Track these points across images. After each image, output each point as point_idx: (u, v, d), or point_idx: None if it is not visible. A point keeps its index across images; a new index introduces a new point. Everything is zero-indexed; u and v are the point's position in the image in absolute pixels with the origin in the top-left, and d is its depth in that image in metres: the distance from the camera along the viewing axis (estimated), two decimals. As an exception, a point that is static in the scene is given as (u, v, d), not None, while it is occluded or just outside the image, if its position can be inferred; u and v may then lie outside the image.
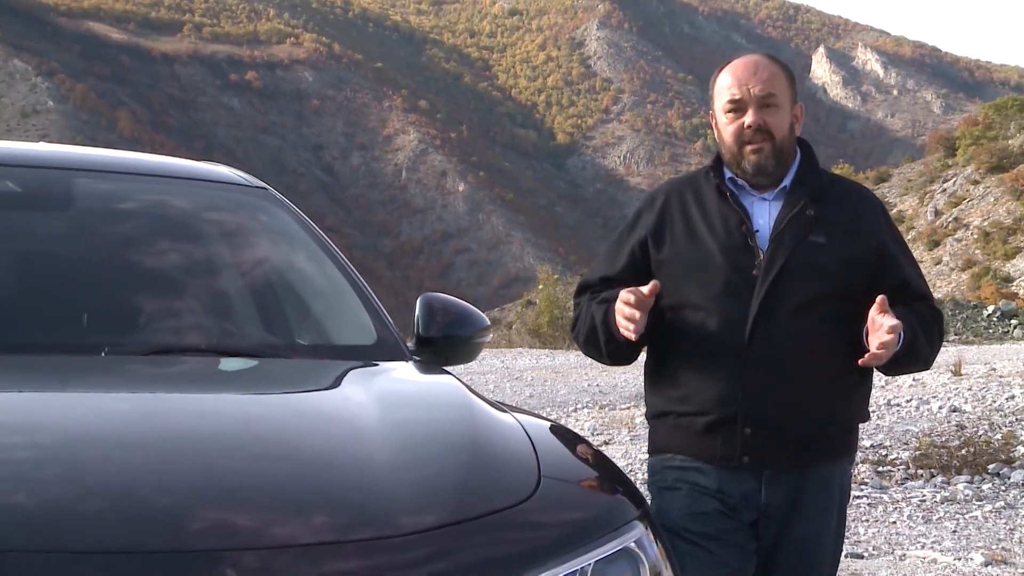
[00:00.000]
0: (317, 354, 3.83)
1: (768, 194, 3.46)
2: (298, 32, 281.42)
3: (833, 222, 3.42)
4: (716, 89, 3.49)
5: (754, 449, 3.35)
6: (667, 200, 3.55)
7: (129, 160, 4.58)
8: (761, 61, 3.47)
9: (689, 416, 3.43)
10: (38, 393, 3.12)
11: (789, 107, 3.45)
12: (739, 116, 3.39)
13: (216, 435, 2.87)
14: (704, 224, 3.43)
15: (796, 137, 3.52)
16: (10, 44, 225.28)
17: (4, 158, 4.29)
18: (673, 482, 3.48)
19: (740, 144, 3.39)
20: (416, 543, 2.40)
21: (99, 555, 2.23)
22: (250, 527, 2.39)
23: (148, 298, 3.85)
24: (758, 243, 3.37)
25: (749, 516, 3.42)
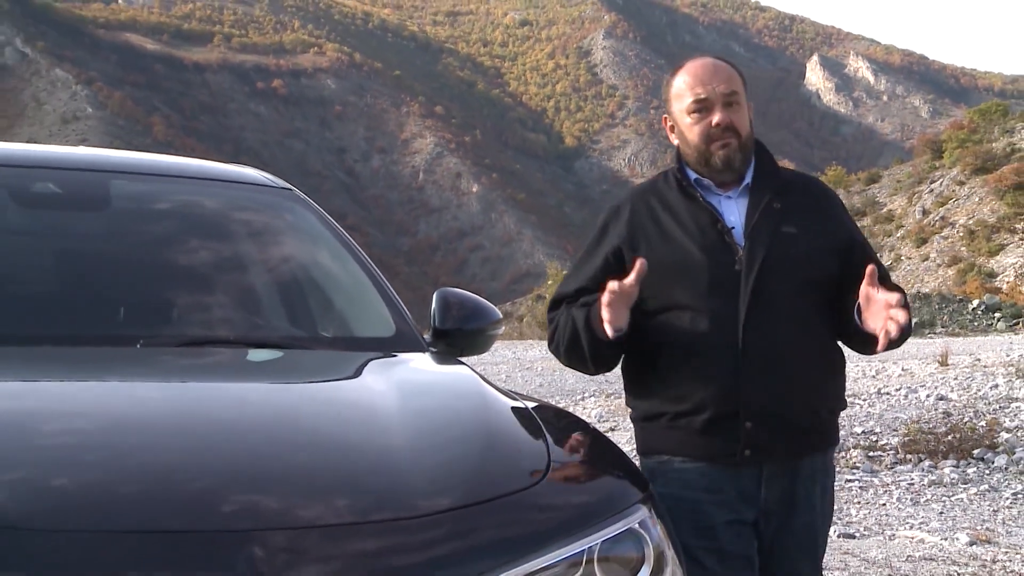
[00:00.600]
0: (339, 346, 3.83)
1: (732, 192, 3.36)
2: (321, 42, 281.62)
3: (800, 213, 3.35)
4: (675, 92, 3.38)
5: (756, 442, 3.22)
6: (633, 208, 3.44)
7: (162, 163, 4.59)
8: (718, 62, 3.39)
9: (686, 416, 3.28)
10: (79, 382, 3.13)
11: (747, 106, 3.37)
12: (705, 115, 3.28)
13: (245, 422, 2.88)
14: (677, 226, 3.32)
15: (754, 135, 3.43)
16: (52, 54, 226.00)
17: (46, 161, 4.31)
18: (677, 490, 3.29)
19: (708, 142, 3.29)
20: (432, 524, 2.41)
21: (136, 534, 2.23)
22: (277, 509, 2.39)
23: (180, 293, 3.86)
24: (734, 239, 3.27)
25: (750, 515, 3.31)
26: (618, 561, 2.60)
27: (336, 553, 2.28)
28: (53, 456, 2.50)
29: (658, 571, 2.66)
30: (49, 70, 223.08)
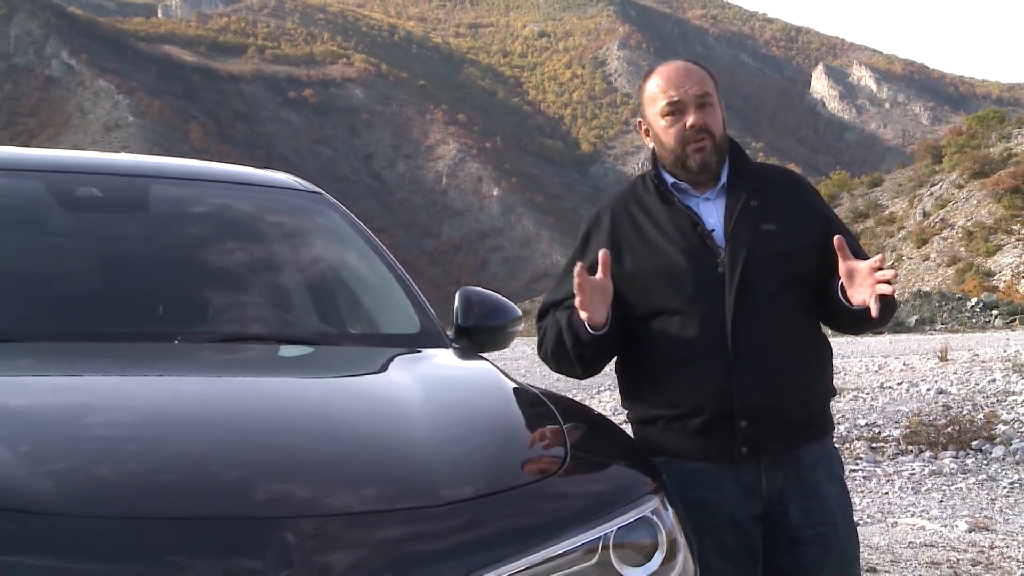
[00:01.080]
0: (366, 342, 3.83)
1: (709, 193, 3.24)
2: (349, 53, 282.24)
3: (778, 208, 3.22)
4: (648, 95, 3.25)
5: (752, 439, 3.11)
6: (613, 215, 3.31)
7: (199, 168, 4.60)
8: (690, 65, 3.26)
9: (682, 419, 3.16)
10: (120, 377, 3.14)
11: (719, 107, 3.24)
12: (679, 118, 3.17)
13: (277, 414, 2.88)
14: (658, 232, 3.20)
15: (727, 136, 3.30)
16: (96, 66, 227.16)
17: (89, 167, 4.33)
18: (679, 492, 3.14)
19: (683, 144, 3.16)
20: (455, 512, 2.41)
21: (173, 521, 2.23)
22: (307, 497, 2.40)
23: (216, 291, 3.86)
24: (715, 241, 3.15)
25: (755, 508, 3.18)
26: (632, 547, 2.59)
27: (363, 540, 2.28)
28: (96, 447, 2.51)
29: (670, 557, 2.65)
30: (93, 81, 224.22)
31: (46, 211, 3.92)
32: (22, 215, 3.93)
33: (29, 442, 2.44)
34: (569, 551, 2.46)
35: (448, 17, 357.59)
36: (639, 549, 2.61)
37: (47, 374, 3.09)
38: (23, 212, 3.93)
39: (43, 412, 2.73)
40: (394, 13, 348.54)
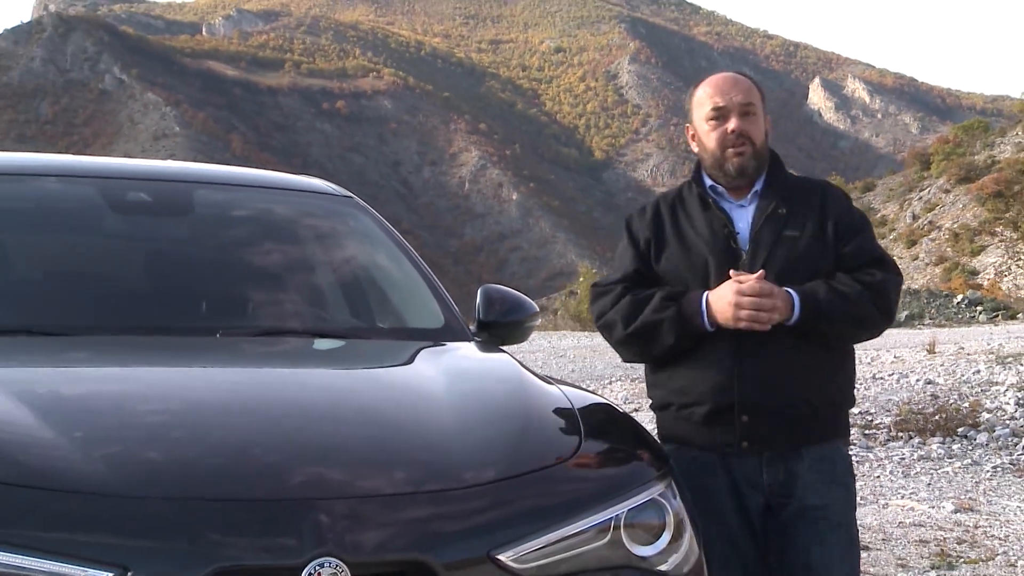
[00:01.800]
0: (394, 336, 3.82)
1: (744, 200, 3.21)
2: (379, 68, 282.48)
3: (803, 216, 3.17)
4: (696, 101, 3.24)
5: (752, 434, 3.07)
6: (656, 210, 3.31)
7: (239, 174, 4.60)
8: (738, 76, 3.26)
9: (688, 407, 3.15)
10: (167, 368, 3.15)
11: (763, 118, 3.22)
12: (722, 123, 3.15)
13: (312, 403, 2.88)
14: (692, 231, 3.19)
15: (768, 147, 3.26)
16: (145, 81, 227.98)
17: (138, 173, 4.34)
18: (689, 478, 3.04)
19: (723, 148, 3.14)
20: (478, 494, 2.42)
21: (216, 502, 2.25)
22: (340, 480, 2.40)
23: (255, 289, 3.86)
24: (739, 244, 3.14)
25: (757, 498, 3.13)
26: (642, 527, 2.59)
27: (392, 520, 2.29)
28: (145, 432, 2.52)
29: (677, 536, 2.65)
30: (142, 94, 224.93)
31: (99, 215, 3.93)
32: (77, 218, 3.94)
33: (84, 428, 2.45)
34: (583, 530, 2.47)
35: (471, 34, 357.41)
36: (648, 529, 2.61)
37: (100, 365, 3.11)
38: (78, 215, 3.94)
39: (96, 400, 2.74)
40: (420, 30, 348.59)
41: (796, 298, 3.00)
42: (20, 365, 2.99)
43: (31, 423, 2.40)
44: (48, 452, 2.30)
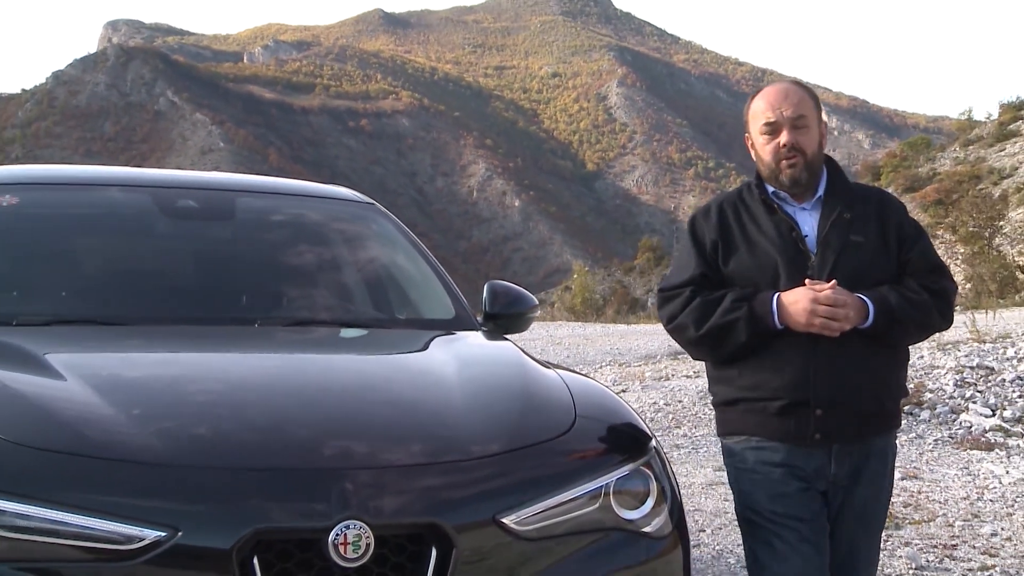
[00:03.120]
0: (411, 326, 3.82)
1: (806, 204, 2.99)
2: (398, 90, 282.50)
3: (866, 222, 2.96)
4: (751, 114, 3.01)
5: (825, 427, 2.87)
6: (721, 212, 3.05)
7: (275, 183, 4.61)
8: (791, 87, 3.02)
9: (763, 401, 2.90)
10: (212, 353, 3.15)
11: (817, 127, 2.98)
12: (774, 137, 2.93)
13: (339, 384, 2.89)
14: (759, 234, 2.95)
15: (824, 151, 3.05)
16: (194, 103, 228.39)
17: (187, 183, 4.36)
18: (753, 464, 2.97)
19: (777, 161, 2.93)
20: (484, 465, 2.43)
21: (255, 471, 2.27)
22: (364, 452, 2.41)
23: (289, 284, 3.86)
24: (807, 247, 2.93)
25: (821, 486, 2.94)
26: (628, 494, 2.60)
27: (409, 487, 2.30)
28: (194, 410, 2.53)
29: (660, 502, 2.66)
30: (191, 114, 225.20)
31: (152, 219, 3.93)
32: (133, 222, 3.95)
33: (140, 406, 2.46)
34: (577, 497, 2.47)
35: (478, 61, 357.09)
36: (634, 496, 2.62)
37: (154, 351, 3.11)
38: (134, 220, 3.95)
39: (151, 382, 2.75)
40: (434, 58, 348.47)
41: (871, 305, 2.83)
42: (86, 351, 3.00)
43: (95, 401, 2.41)
44: (109, 427, 2.31)
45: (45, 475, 2.16)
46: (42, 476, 2.16)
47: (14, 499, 2.09)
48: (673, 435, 9.16)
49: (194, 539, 2.09)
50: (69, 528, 2.08)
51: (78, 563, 2.08)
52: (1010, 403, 9.21)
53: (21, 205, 3.76)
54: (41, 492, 2.11)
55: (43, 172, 4.33)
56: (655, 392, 11.21)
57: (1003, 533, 5.76)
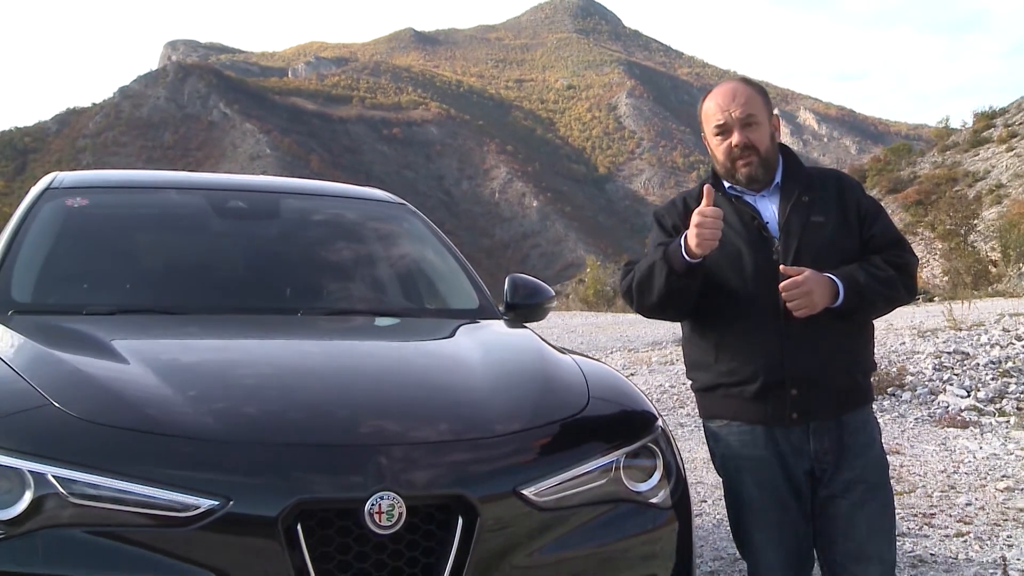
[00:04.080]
0: (439, 315, 3.81)
1: (764, 192, 2.84)
2: (427, 101, 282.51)
3: (825, 203, 2.81)
4: (703, 115, 2.86)
5: (801, 406, 2.73)
6: (686, 204, 2.90)
7: (316, 186, 4.61)
8: (738, 87, 2.83)
9: (739, 386, 2.78)
10: (259, 339, 3.16)
11: (767, 121, 2.81)
12: (726, 137, 2.78)
13: (374, 368, 2.88)
14: (724, 224, 2.74)
15: (777, 143, 2.88)
16: (244, 114, 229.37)
17: (237, 186, 4.37)
18: (737, 450, 2.84)
19: (731, 160, 2.79)
20: (507, 442, 2.42)
21: (299, 446, 2.27)
22: (397, 430, 2.41)
23: (328, 277, 3.87)
24: (770, 232, 2.78)
25: (804, 465, 2.78)
26: (637, 468, 2.59)
27: (438, 462, 2.30)
28: (244, 391, 2.54)
29: (666, 476, 2.65)
30: (241, 124, 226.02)
31: (206, 218, 3.94)
32: (189, 221, 3.96)
33: (196, 388, 2.47)
34: (590, 471, 2.47)
35: (500, 74, 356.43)
36: (642, 470, 2.61)
37: (207, 338, 3.12)
38: (190, 219, 3.96)
39: (205, 365, 2.76)
40: (460, 72, 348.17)
41: (840, 284, 2.67)
42: (147, 338, 3.01)
43: (156, 383, 2.42)
44: (169, 406, 2.32)
45: (112, 449, 2.17)
46: (109, 450, 2.17)
47: (85, 470, 2.11)
48: (677, 415, 9.13)
49: (244, 508, 2.10)
50: (133, 497, 2.09)
51: (141, 528, 2.09)
52: (983, 385, 9.16)
53: (90, 206, 3.79)
54: (109, 464, 2.13)
55: (109, 176, 4.35)
56: (661, 375, 11.18)
57: (976, 503, 5.75)
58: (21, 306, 3.17)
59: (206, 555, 2.08)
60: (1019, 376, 9.36)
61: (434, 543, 2.20)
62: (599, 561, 2.42)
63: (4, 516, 2.08)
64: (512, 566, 2.27)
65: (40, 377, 2.40)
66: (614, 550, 2.46)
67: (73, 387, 2.37)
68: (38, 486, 2.09)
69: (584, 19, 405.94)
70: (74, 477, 2.10)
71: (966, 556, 4.78)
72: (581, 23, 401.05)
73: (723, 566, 4.59)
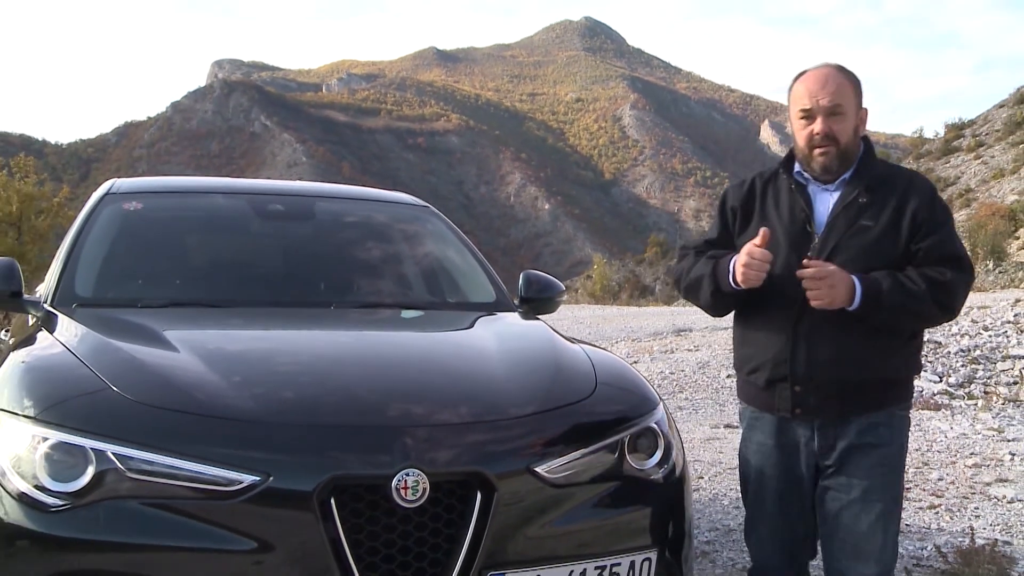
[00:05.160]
0: (459, 308, 3.80)
1: (831, 185, 2.57)
2: (448, 113, 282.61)
3: (882, 206, 2.51)
4: (792, 97, 2.59)
5: (804, 403, 2.55)
6: (752, 185, 2.69)
7: (348, 190, 4.61)
8: (831, 73, 2.53)
9: (753, 373, 2.64)
10: (296, 330, 3.16)
11: (854, 114, 2.54)
12: (809, 124, 2.52)
13: (400, 356, 2.89)
14: (775, 212, 2.59)
15: (860, 137, 2.59)
16: (282, 125, 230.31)
17: (276, 190, 4.37)
18: (751, 434, 2.71)
19: (810, 148, 2.53)
20: (521, 424, 2.42)
21: (332, 427, 2.27)
22: (422, 412, 2.41)
23: (358, 273, 3.87)
24: (815, 228, 2.53)
25: (809, 459, 2.61)
26: (640, 448, 2.59)
27: (458, 442, 2.30)
28: (282, 377, 2.54)
29: (667, 455, 2.64)
30: (280, 135, 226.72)
31: (248, 220, 3.94)
32: (233, 223, 3.96)
33: (240, 374, 2.48)
34: (597, 450, 2.47)
35: (514, 88, 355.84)
36: (645, 449, 2.60)
37: (249, 329, 3.12)
38: (234, 221, 3.96)
39: (248, 354, 2.76)
40: (478, 86, 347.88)
41: (859, 289, 2.42)
42: (196, 328, 3.02)
43: (203, 370, 2.42)
44: (215, 390, 2.32)
45: (164, 430, 2.18)
46: (162, 430, 2.18)
47: (140, 448, 2.12)
48: (677, 399, 9.10)
49: (282, 483, 2.11)
50: (183, 472, 2.11)
51: (190, 500, 2.10)
52: (954, 371, 9.12)
53: (145, 209, 3.80)
54: (161, 443, 2.14)
55: (161, 183, 4.36)
56: (662, 363, 11.14)
57: (947, 478, 5.74)
58: (84, 300, 3.19)
59: (248, 525, 2.08)
60: (986, 363, 9.32)
61: (455, 516, 2.20)
62: (605, 532, 2.42)
63: (70, 488, 2.10)
64: (526, 537, 2.27)
65: (100, 364, 2.42)
66: (619, 522, 2.46)
67: (129, 373, 2.38)
68: (99, 462, 2.11)
69: (591, 38, 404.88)
70: (131, 454, 2.12)
71: (938, 526, 4.78)
72: (589, 42, 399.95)
73: (718, 536, 4.58)
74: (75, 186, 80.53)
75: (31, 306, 3.24)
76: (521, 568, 2.24)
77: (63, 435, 2.14)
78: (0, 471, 2.14)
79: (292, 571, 2.09)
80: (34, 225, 24.08)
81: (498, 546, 2.21)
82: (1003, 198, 40.19)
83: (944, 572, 3.93)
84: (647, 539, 2.48)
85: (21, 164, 25.59)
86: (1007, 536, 4.58)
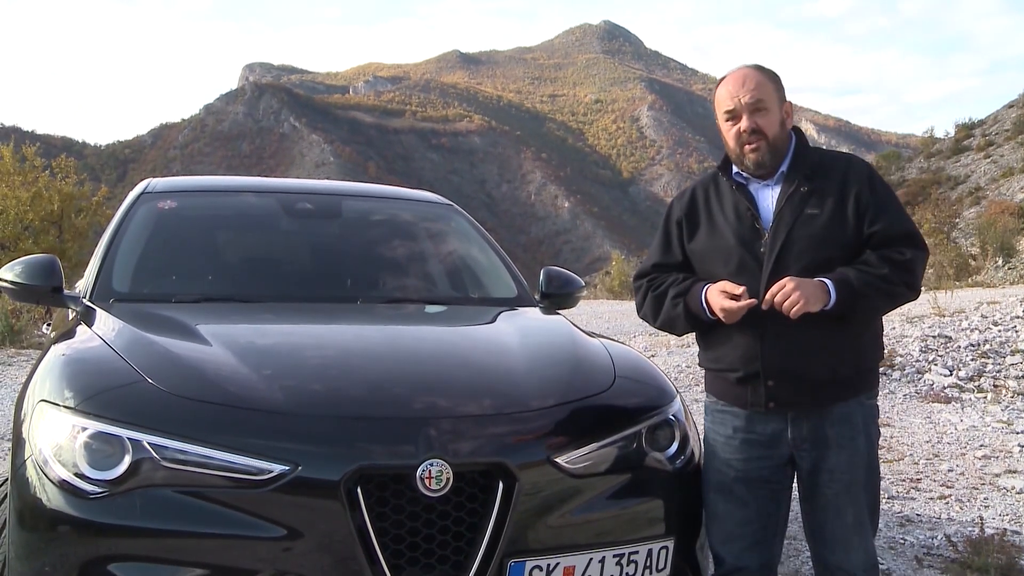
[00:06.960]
0: (482, 303, 3.80)
1: (770, 181, 2.54)
2: (471, 114, 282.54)
3: (824, 193, 2.48)
4: (716, 101, 2.58)
5: (777, 397, 2.48)
6: (694, 192, 2.67)
7: (374, 189, 4.62)
8: (749, 72, 2.53)
9: (724, 372, 2.58)
10: (324, 324, 3.17)
11: (778, 108, 2.52)
12: (735, 123, 2.51)
13: (425, 350, 2.88)
14: (721, 214, 2.56)
15: (788, 129, 2.58)
16: (310, 127, 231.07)
17: (305, 189, 4.39)
18: (719, 427, 2.63)
19: (740, 146, 2.51)
20: (542, 415, 2.41)
21: (360, 419, 2.28)
22: (446, 405, 2.41)
23: (384, 269, 3.87)
24: (762, 224, 2.50)
25: (783, 451, 2.53)
26: (657, 439, 2.59)
27: (481, 434, 2.30)
28: (311, 370, 2.54)
29: (683, 446, 2.63)
30: (308, 136, 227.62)
31: (277, 218, 3.96)
32: (263, 221, 3.98)
33: (269, 367, 2.48)
34: (616, 441, 2.46)
35: (535, 90, 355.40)
36: (662, 440, 2.59)
37: (279, 323, 3.13)
38: (264, 219, 3.98)
39: (278, 347, 2.77)
40: (500, 88, 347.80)
41: (832, 287, 2.37)
42: (228, 323, 3.04)
43: (235, 363, 2.43)
44: (246, 383, 2.33)
45: (197, 420, 2.19)
46: (195, 421, 2.19)
47: (174, 438, 2.14)
48: (693, 391, 9.06)
49: (311, 472, 2.11)
50: (215, 462, 2.12)
51: (222, 489, 2.11)
52: (964, 365, 9.05)
53: (178, 208, 3.82)
54: (194, 433, 2.15)
55: (195, 182, 4.38)
56: (679, 357, 11.10)
57: (957, 469, 5.71)
58: (120, 295, 3.21)
59: (278, 513, 2.09)
60: (995, 357, 9.23)
61: (477, 505, 2.20)
62: (623, 522, 2.41)
63: (107, 476, 2.12)
64: (547, 525, 2.26)
65: (136, 356, 2.43)
66: (636, 512, 2.45)
67: (164, 365, 2.39)
68: (135, 451, 2.12)
69: (610, 41, 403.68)
70: (165, 444, 2.13)
71: (948, 516, 4.74)
72: (607, 45, 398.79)
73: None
74: (113, 186, 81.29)
75: (71, 301, 3.27)
76: (541, 556, 2.24)
77: (101, 425, 2.16)
78: (43, 459, 2.16)
79: (320, 558, 2.09)
80: (74, 223, 24.33)
81: (519, 534, 2.21)
82: (1012, 196, 39.73)
83: (954, 561, 3.91)
84: (664, 528, 2.47)
85: (62, 165, 25.85)
86: (1016, 526, 4.55)
